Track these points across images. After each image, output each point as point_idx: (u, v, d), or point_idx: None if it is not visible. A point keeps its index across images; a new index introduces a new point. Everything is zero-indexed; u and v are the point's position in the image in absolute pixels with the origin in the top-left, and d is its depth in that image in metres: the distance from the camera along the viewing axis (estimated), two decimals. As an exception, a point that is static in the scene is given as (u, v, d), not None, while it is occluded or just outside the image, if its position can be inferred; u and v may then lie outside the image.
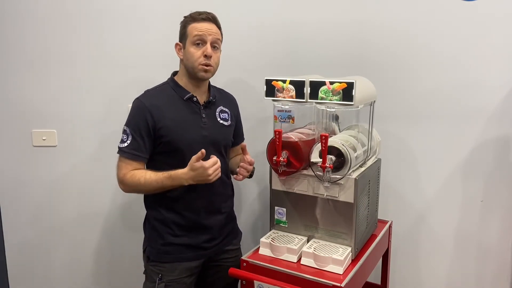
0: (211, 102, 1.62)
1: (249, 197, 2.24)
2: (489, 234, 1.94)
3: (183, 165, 1.47)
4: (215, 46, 1.56)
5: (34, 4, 1.89)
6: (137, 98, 1.55)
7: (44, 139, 1.98)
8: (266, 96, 1.49)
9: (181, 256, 1.57)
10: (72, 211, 2.07)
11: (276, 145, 1.44)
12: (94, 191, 2.06)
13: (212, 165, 1.44)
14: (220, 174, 1.48)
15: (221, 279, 1.69)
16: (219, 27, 1.58)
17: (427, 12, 1.86)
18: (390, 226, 1.82)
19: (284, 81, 1.45)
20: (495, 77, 1.82)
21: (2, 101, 1.95)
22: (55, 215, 2.06)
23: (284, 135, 1.46)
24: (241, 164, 1.62)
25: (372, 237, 1.67)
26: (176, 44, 1.58)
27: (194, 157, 1.44)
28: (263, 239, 1.54)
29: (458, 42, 1.84)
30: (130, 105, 1.56)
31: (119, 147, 1.52)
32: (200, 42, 1.52)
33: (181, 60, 1.58)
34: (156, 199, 1.57)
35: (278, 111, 1.48)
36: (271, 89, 1.47)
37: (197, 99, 1.58)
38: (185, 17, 1.57)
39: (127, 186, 1.52)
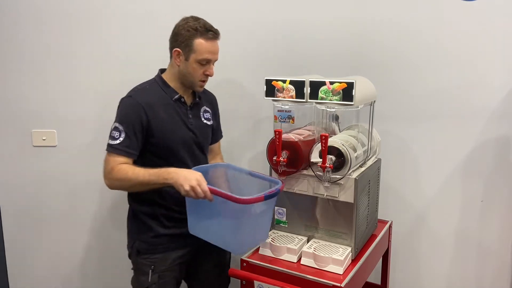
0: (197, 103, 1.65)
1: (249, 197, 2.23)
2: (489, 234, 1.94)
3: (168, 163, 1.47)
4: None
5: (34, 4, 1.89)
6: (129, 96, 1.54)
7: (44, 139, 1.98)
8: (266, 96, 1.49)
9: (172, 245, 1.59)
10: (73, 211, 2.07)
11: (276, 145, 1.44)
12: (95, 191, 2.06)
13: (201, 188, 1.35)
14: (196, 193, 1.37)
15: (215, 268, 1.72)
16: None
17: (427, 12, 1.85)
18: (390, 226, 1.82)
19: (284, 81, 1.45)
20: (495, 77, 1.82)
21: (2, 101, 1.95)
22: (55, 215, 2.06)
23: (284, 135, 1.46)
24: None
25: (372, 237, 1.67)
26: (176, 51, 1.52)
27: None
28: (263, 239, 1.54)
29: (458, 42, 1.84)
30: None
31: (109, 144, 1.49)
32: (206, 62, 1.54)
33: (176, 66, 1.55)
34: (142, 194, 1.55)
35: (278, 111, 1.48)
36: (271, 89, 1.47)
37: (184, 100, 1.60)
38: (191, 28, 1.49)
39: (112, 179, 1.47)
